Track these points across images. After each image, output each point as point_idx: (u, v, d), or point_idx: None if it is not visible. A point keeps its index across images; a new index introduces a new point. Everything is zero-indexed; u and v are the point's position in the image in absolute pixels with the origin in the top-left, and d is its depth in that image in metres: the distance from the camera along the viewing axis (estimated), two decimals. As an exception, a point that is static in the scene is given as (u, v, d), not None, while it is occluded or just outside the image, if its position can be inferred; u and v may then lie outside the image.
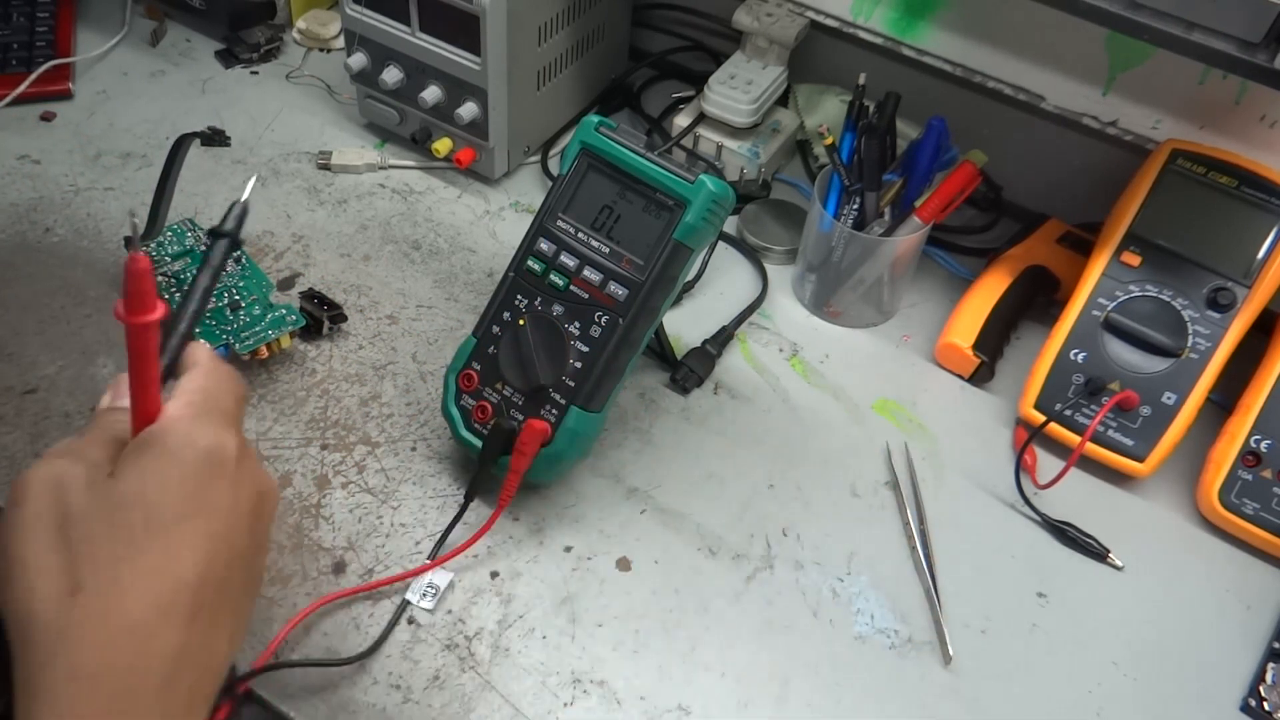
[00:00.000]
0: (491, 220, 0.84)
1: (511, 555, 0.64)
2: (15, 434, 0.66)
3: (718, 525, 0.66)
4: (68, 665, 0.35)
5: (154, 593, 0.38)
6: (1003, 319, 0.76)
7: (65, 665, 0.35)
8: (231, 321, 0.70)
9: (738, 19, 0.85)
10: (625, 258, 0.61)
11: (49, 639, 0.36)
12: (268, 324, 0.70)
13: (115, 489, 0.39)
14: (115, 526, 0.38)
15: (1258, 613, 0.66)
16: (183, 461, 0.40)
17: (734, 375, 0.75)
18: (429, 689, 0.58)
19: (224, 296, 0.71)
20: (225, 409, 0.43)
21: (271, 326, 0.70)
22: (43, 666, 0.36)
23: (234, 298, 0.71)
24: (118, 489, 0.39)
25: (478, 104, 0.80)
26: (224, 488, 0.40)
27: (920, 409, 0.75)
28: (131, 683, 0.36)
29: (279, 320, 0.70)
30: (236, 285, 0.71)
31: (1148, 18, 0.64)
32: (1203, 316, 0.70)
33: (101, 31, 0.96)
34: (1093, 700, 0.61)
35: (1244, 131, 0.76)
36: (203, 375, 0.43)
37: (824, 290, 0.79)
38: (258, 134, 0.89)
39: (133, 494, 0.38)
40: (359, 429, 0.69)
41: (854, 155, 0.76)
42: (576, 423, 0.61)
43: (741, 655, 0.61)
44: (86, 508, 0.38)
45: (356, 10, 0.81)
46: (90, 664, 0.36)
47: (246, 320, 0.70)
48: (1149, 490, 0.71)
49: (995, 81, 0.84)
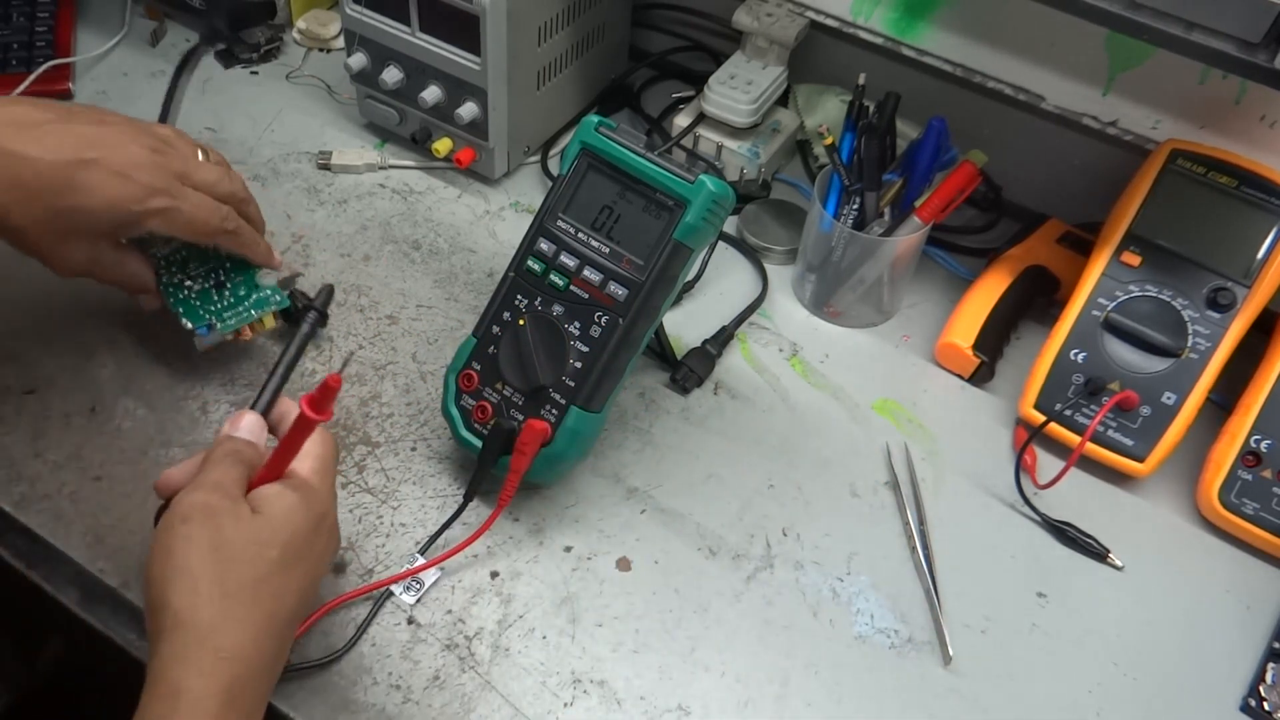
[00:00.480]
0: (491, 220, 0.84)
1: (511, 555, 0.64)
2: (15, 434, 0.67)
3: (718, 525, 0.66)
4: (215, 647, 0.46)
5: (269, 608, 0.49)
6: (1003, 319, 0.77)
7: (213, 646, 0.46)
8: (216, 301, 0.68)
9: (738, 19, 0.85)
10: (625, 258, 0.61)
11: (203, 626, 0.47)
12: (252, 304, 0.69)
13: (264, 527, 0.50)
14: (259, 556, 0.49)
15: (1258, 613, 0.66)
16: (312, 515, 0.52)
17: (734, 375, 0.76)
18: (429, 689, 0.58)
19: (210, 278, 0.69)
20: (334, 473, 0.55)
21: (255, 306, 0.69)
22: (198, 645, 0.46)
23: (219, 278, 0.69)
24: (266, 527, 0.50)
25: (478, 104, 0.80)
26: (323, 540, 0.53)
27: (920, 409, 0.75)
28: (248, 667, 0.47)
29: (263, 300, 0.69)
30: (225, 266, 0.70)
31: (1148, 18, 0.64)
32: (1203, 316, 0.70)
33: (101, 31, 0.96)
34: (1093, 700, 0.61)
35: (1244, 131, 0.76)
36: (319, 441, 0.55)
37: (824, 290, 0.79)
38: (258, 134, 0.89)
39: (275, 535, 0.50)
40: (359, 429, 0.69)
41: (854, 155, 0.76)
42: (576, 423, 0.61)
43: (741, 655, 0.61)
44: (236, 537, 0.49)
45: (356, 10, 0.81)
46: (231, 648, 0.47)
47: (231, 300, 0.69)
48: (1149, 490, 0.71)
49: (995, 81, 0.84)
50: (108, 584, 0.60)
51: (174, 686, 0.45)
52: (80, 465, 0.65)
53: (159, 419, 0.68)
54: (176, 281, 0.69)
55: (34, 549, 0.62)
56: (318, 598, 0.58)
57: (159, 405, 0.69)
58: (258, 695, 0.49)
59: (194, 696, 0.45)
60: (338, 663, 0.58)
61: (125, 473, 0.65)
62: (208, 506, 0.49)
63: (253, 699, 0.48)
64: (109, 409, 0.68)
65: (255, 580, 0.49)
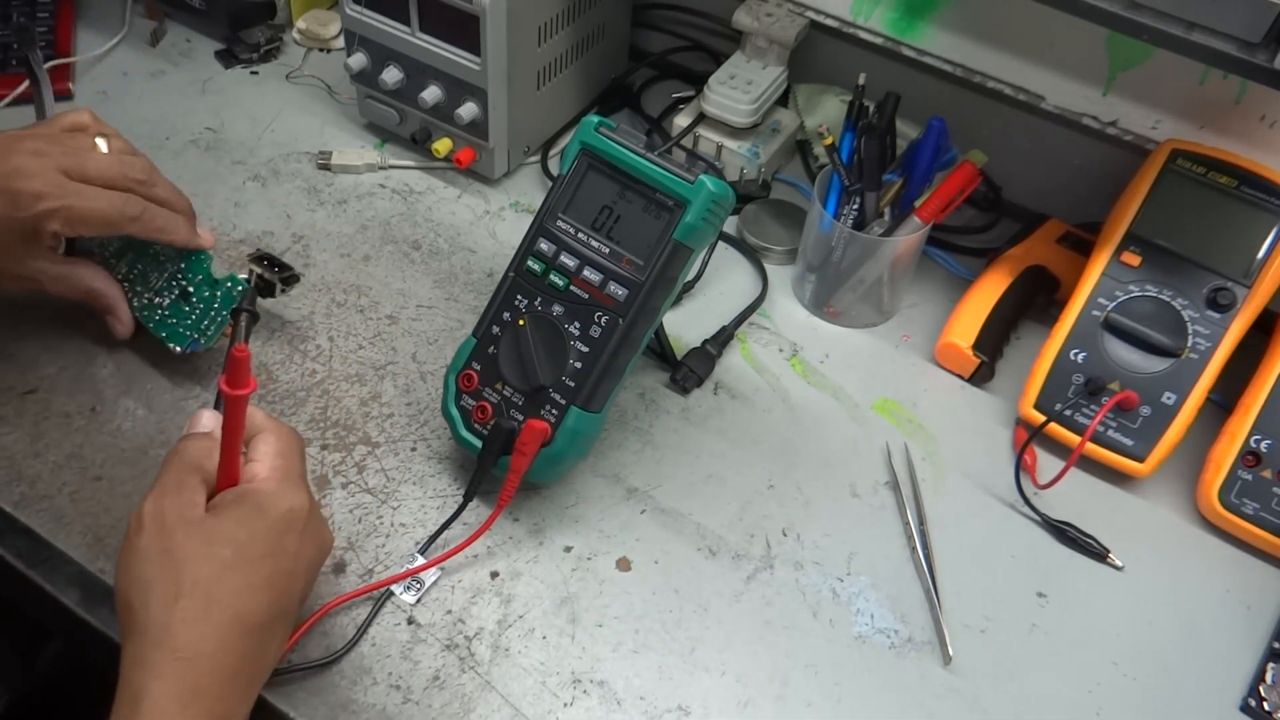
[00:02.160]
0: (491, 220, 0.84)
1: (511, 555, 0.64)
2: (15, 434, 0.67)
3: (718, 525, 0.66)
4: (171, 648, 0.47)
5: (233, 608, 0.49)
6: (1003, 319, 0.77)
7: (170, 648, 0.47)
8: (188, 314, 0.68)
9: (738, 19, 0.85)
10: (625, 258, 0.61)
11: (158, 630, 0.47)
12: (220, 304, 0.67)
13: (215, 528, 0.50)
14: (209, 557, 0.49)
15: (1258, 613, 0.66)
16: (268, 517, 0.51)
17: (734, 375, 0.76)
18: (429, 689, 0.58)
19: (174, 288, 0.68)
20: (299, 470, 0.55)
21: (224, 306, 0.67)
22: (155, 648, 0.47)
23: (182, 284, 0.68)
24: (217, 528, 0.50)
25: (478, 104, 0.80)
26: (294, 539, 0.52)
27: (920, 409, 0.75)
28: (211, 666, 0.48)
29: (229, 297, 0.67)
30: (179, 269, 0.68)
31: (1148, 18, 0.63)
32: (1203, 316, 0.70)
33: (101, 31, 0.96)
34: (1093, 700, 0.61)
35: (1244, 131, 0.76)
36: (276, 440, 0.54)
37: (824, 290, 0.79)
38: (258, 134, 0.89)
39: (227, 534, 0.50)
40: (359, 429, 0.69)
41: (854, 155, 0.76)
42: (576, 423, 0.61)
43: (741, 655, 0.61)
44: (187, 539, 0.49)
45: (356, 10, 0.81)
46: (185, 649, 0.47)
47: (200, 308, 0.68)
48: (1149, 490, 0.71)
49: (995, 81, 0.84)
50: (108, 584, 0.60)
51: (135, 690, 0.46)
52: (80, 465, 0.65)
53: (159, 419, 0.68)
54: (146, 301, 0.69)
55: (34, 549, 0.62)
56: (309, 598, 0.57)
57: (159, 405, 0.69)
58: (227, 697, 0.48)
59: (152, 699, 0.46)
60: (338, 663, 0.58)
61: (125, 473, 0.65)
62: (157, 513, 0.50)
63: (220, 701, 0.48)
64: (109, 409, 0.68)
65: (209, 580, 0.48)
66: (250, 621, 0.49)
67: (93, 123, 0.66)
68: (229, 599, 0.49)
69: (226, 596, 0.49)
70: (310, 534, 0.53)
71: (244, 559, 0.50)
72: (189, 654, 0.47)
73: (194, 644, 0.47)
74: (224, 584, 0.49)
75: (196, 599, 0.48)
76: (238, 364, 0.47)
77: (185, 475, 0.52)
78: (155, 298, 0.69)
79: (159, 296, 0.69)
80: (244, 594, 0.49)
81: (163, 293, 0.69)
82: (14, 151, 0.61)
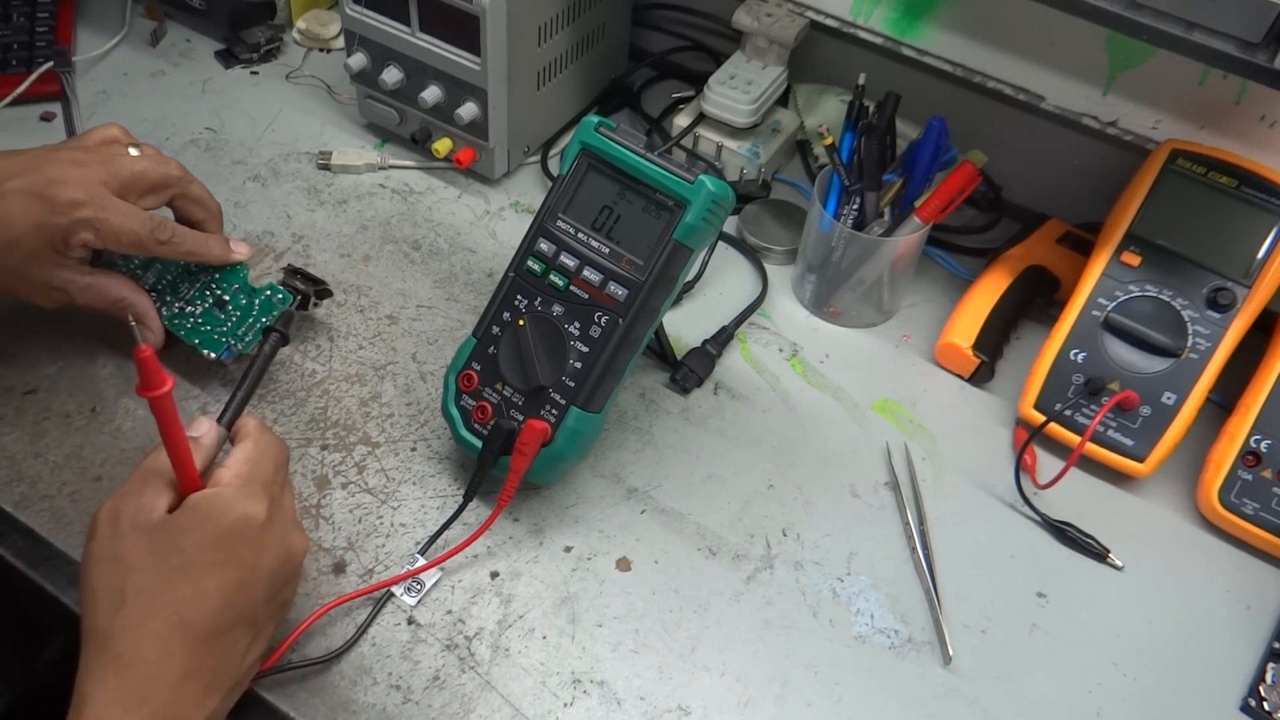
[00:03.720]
0: (491, 220, 0.84)
1: (511, 555, 0.64)
2: (15, 434, 0.67)
3: (718, 525, 0.66)
4: (114, 655, 0.47)
5: (178, 615, 0.48)
6: (1003, 319, 0.77)
7: (112, 654, 0.47)
8: (224, 321, 0.69)
9: (738, 19, 0.85)
10: (625, 258, 0.61)
11: (102, 637, 0.48)
12: (259, 311, 0.69)
13: (163, 535, 0.50)
14: (156, 565, 0.49)
15: (1258, 613, 0.66)
16: (219, 525, 0.51)
17: (734, 375, 0.76)
18: (429, 689, 0.58)
19: (207, 297, 0.69)
20: (265, 479, 0.53)
21: (263, 314, 0.68)
22: (99, 654, 0.48)
23: (217, 294, 0.69)
24: (165, 536, 0.50)
25: (478, 104, 0.80)
26: (249, 548, 0.51)
27: (920, 409, 0.75)
28: (154, 673, 0.47)
29: (268, 305, 0.69)
30: (215, 279, 0.70)
31: (1148, 18, 0.64)
32: (1203, 316, 0.70)
33: (101, 31, 0.96)
34: (1093, 700, 0.61)
35: (1244, 131, 0.76)
36: (251, 447, 0.54)
37: (824, 290, 0.79)
38: (258, 134, 0.89)
39: (174, 542, 0.50)
40: (359, 429, 0.69)
41: (854, 155, 0.76)
42: (576, 423, 0.61)
43: (741, 655, 0.61)
44: (133, 546, 0.49)
45: (356, 10, 0.81)
46: (127, 656, 0.47)
47: (237, 315, 0.69)
48: (1149, 490, 0.71)
49: (995, 81, 0.84)
50: (108, 584, 0.60)
51: (81, 697, 0.47)
52: (80, 465, 0.65)
53: (159, 419, 0.68)
54: (177, 310, 0.69)
55: (34, 549, 0.62)
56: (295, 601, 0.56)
57: (159, 405, 0.69)
58: (179, 703, 0.48)
59: (93, 705, 0.46)
60: (338, 663, 0.58)
61: (125, 473, 0.65)
62: (112, 516, 0.50)
63: (171, 705, 0.48)
64: (109, 409, 0.68)
65: (153, 588, 0.48)
66: (199, 629, 0.49)
67: (123, 135, 0.67)
68: (174, 606, 0.48)
69: (171, 604, 0.48)
70: (270, 542, 0.52)
71: (191, 566, 0.49)
72: (129, 660, 0.47)
73: (133, 650, 0.47)
74: (168, 592, 0.49)
75: (139, 606, 0.48)
76: (144, 365, 0.46)
77: (150, 478, 0.52)
78: (186, 306, 0.69)
79: (190, 305, 0.69)
80: (191, 602, 0.49)
81: (194, 301, 0.69)
82: (54, 161, 0.62)
